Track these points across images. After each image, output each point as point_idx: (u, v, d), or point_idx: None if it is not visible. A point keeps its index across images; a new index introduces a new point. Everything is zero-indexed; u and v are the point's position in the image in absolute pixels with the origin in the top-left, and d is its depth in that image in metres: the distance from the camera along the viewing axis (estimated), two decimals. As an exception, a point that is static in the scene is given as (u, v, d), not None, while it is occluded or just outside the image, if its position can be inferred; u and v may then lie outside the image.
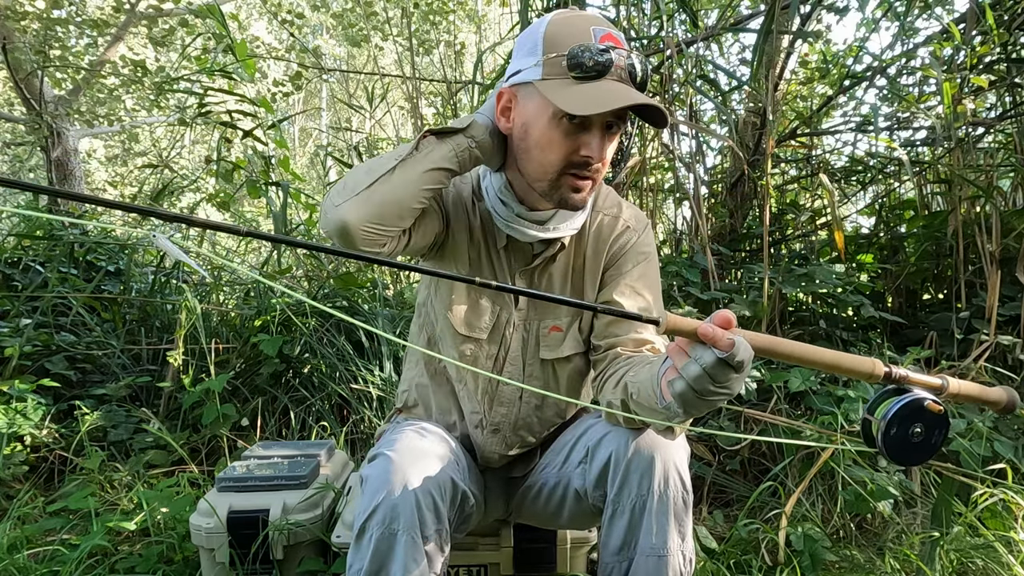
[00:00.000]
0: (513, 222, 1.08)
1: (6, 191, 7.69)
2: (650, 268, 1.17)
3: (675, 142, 2.57)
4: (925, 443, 0.78)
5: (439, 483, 0.97)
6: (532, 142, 0.99)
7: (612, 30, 0.95)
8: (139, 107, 6.75)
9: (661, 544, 0.98)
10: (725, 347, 0.71)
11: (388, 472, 0.95)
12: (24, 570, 1.50)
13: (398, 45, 3.36)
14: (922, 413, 0.77)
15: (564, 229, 1.09)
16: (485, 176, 1.13)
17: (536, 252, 1.14)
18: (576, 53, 0.92)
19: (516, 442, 1.23)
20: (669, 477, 0.98)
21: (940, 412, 0.77)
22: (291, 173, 3.20)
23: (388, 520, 0.92)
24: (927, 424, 0.78)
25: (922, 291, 2.77)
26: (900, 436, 0.78)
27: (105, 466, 2.05)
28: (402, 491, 0.93)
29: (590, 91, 0.91)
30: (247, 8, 9.87)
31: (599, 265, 1.16)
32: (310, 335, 2.53)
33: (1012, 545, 1.57)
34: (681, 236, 2.85)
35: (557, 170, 0.98)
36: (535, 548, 1.36)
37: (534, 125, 0.98)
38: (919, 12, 2.90)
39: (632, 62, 0.93)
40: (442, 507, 0.97)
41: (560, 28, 0.95)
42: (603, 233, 1.15)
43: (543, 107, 0.96)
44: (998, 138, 2.82)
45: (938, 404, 0.77)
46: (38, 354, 2.42)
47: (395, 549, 0.92)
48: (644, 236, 1.17)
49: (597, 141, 0.96)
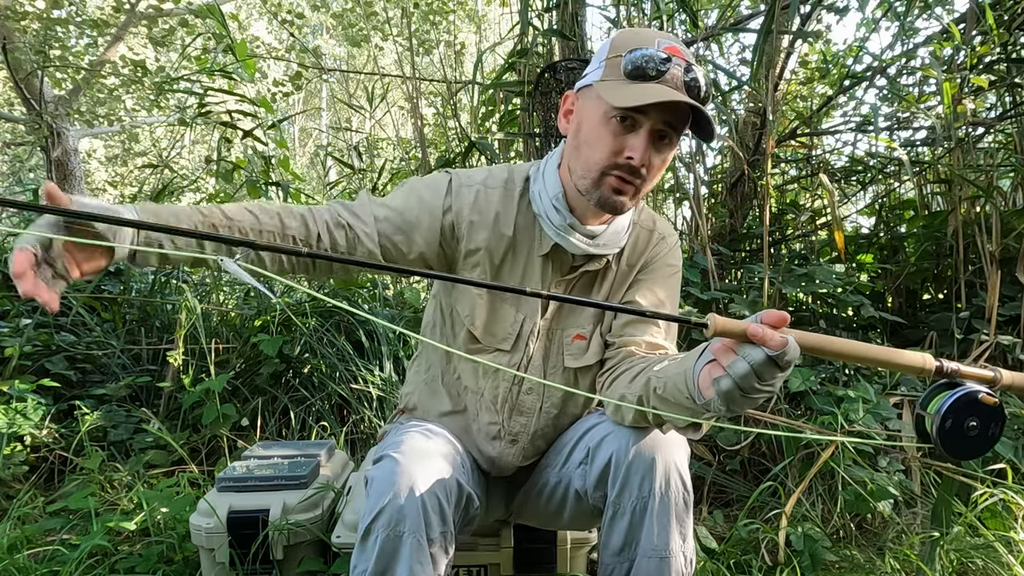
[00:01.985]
0: (565, 232, 1.07)
1: (6, 191, 7.69)
2: (676, 278, 1.19)
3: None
4: (982, 436, 0.78)
5: (445, 486, 0.97)
6: (582, 139, 1.01)
7: (680, 45, 0.96)
8: (139, 107, 6.75)
9: (663, 545, 0.98)
10: (777, 346, 0.72)
11: (394, 474, 0.94)
12: (24, 570, 1.50)
13: (398, 45, 3.36)
14: (976, 406, 0.77)
15: (611, 246, 1.10)
16: (536, 179, 1.11)
17: (576, 264, 1.13)
18: (634, 55, 0.94)
19: (533, 452, 1.23)
20: (670, 478, 0.98)
21: (995, 404, 0.77)
22: (291, 173, 3.21)
23: (394, 523, 0.92)
24: (982, 417, 0.77)
25: (922, 291, 2.77)
26: (955, 430, 0.77)
27: (105, 466, 2.05)
28: (408, 494, 0.93)
29: (639, 89, 0.92)
30: (247, 8, 9.87)
31: (630, 276, 1.17)
32: (310, 335, 2.53)
33: (1012, 545, 1.57)
34: (681, 236, 2.85)
35: (600, 168, 0.98)
36: (535, 548, 1.35)
37: (586, 122, 1.00)
38: (919, 12, 2.90)
39: (693, 76, 0.94)
40: (447, 509, 0.97)
41: (627, 35, 0.99)
42: (639, 246, 1.16)
43: (597, 106, 0.98)
44: (998, 138, 2.82)
45: (992, 396, 0.77)
46: (38, 354, 2.42)
47: (400, 551, 0.92)
48: (675, 249, 1.19)
49: (642, 144, 0.96)
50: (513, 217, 1.11)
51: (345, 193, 3.75)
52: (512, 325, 1.13)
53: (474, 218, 1.10)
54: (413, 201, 1.09)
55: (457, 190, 1.10)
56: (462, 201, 1.10)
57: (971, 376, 0.79)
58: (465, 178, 1.12)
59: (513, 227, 1.11)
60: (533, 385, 1.17)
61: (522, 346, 1.14)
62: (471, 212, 1.10)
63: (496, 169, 1.16)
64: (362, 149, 3.83)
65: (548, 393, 1.18)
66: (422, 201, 1.09)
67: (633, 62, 0.93)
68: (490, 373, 1.16)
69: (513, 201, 1.11)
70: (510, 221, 1.11)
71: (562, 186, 1.07)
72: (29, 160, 8.61)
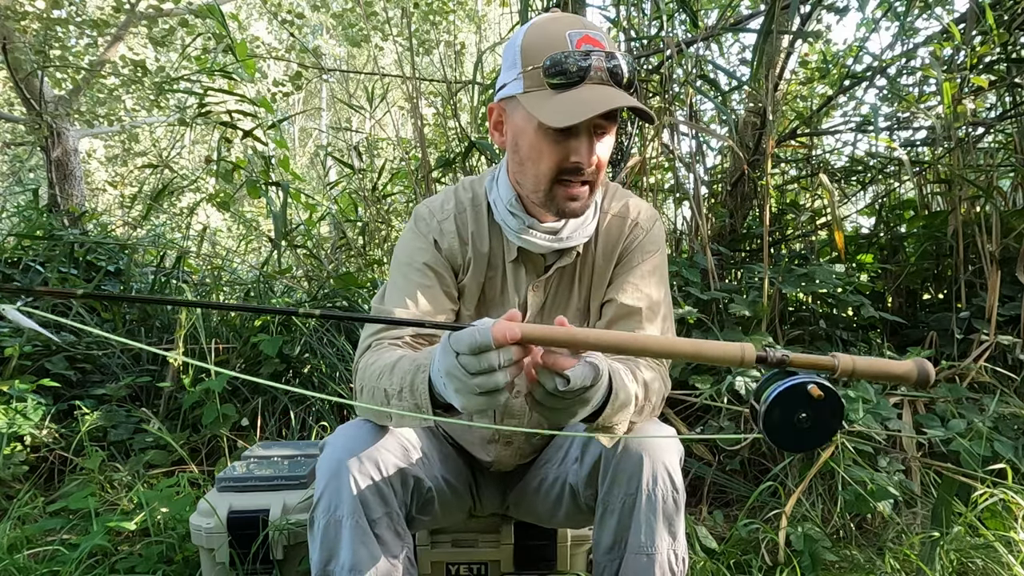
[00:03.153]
0: (525, 233, 1.06)
1: (5, 191, 7.69)
2: (658, 263, 1.15)
3: (675, 142, 2.57)
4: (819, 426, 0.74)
5: (379, 466, 0.98)
6: (524, 155, 1.00)
7: (589, 31, 0.93)
8: (139, 107, 6.75)
9: (650, 543, 0.98)
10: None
11: (329, 461, 0.96)
12: (24, 570, 1.50)
13: (398, 45, 3.36)
14: (804, 398, 0.72)
15: (577, 237, 1.08)
16: (492, 189, 1.11)
17: (548, 263, 1.12)
18: (551, 64, 0.91)
19: (530, 451, 1.24)
20: (658, 476, 0.98)
21: (820, 397, 0.72)
22: (291, 173, 3.21)
23: (332, 507, 0.94)
24: (815, 408, 0.73)
25: (922, 291, 2.77)
26: (783, 421, 0.73)
27: (105, 466, 2.05)
28: (342, 478, 0.94)
29: (569, 100, 0.90)
30: (247, 8, 9.88)
31: (609, 268, 1.14)
32: (310, 335, 2.53)
33: (1012, 545, 1.57)
34: (681, 236, 2.85)
35: (549, 180, 0.98)
36: (535, 545, 1.36)
37: (522, 137, 0.99)
38: (919, 12, 2.90)
39: (614, 63, 0.92)
40: (387, 490, 0.98)
41: (535, 38, 0.95)
42: (612, 235, 1.14)
43: (528, 119, 0.96)
44: (998, 138, 2.82)
45: (821, 388, 0.72)
46: (38, 354, 2.42)
47: (341, 534, 0.94)
48: (653, 232, 1.15)
49: (585, 147, 0.95)
50: (486, 232, 1.12)
51: (345, 193, 3.75)
52: None
53: (456, 245, 1.11)
54: (415, 266, 1.10)
55: (439, 226, 1.12)
56: (443, 233, 1.11)
57: (804, 364, 0.74)
58: (437, 211, 1.13)
59: (488, 242, 1.12)
60: (521, 388, 1.17)
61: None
62: (453, 240, 1.11)
63: (460, 190, 1.16)
64: (362, 149, 3.83)
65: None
66: (418, 251, 1.11)
67: (554, 69, 0.91)
68: None
69: (483, 217, 1.12)
70: (484, 237, 1.12)
71: (513, 191, 1.06)
72: (29, 160, 8.61)
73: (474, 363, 0.73)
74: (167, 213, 6.14)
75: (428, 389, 0.85)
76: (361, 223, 3.47)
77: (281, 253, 2.98)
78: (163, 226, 5.22)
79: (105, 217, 5.86)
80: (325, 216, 3.54)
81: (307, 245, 3.34)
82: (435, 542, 1.36)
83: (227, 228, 7.50)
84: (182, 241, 4.36)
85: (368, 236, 3.42)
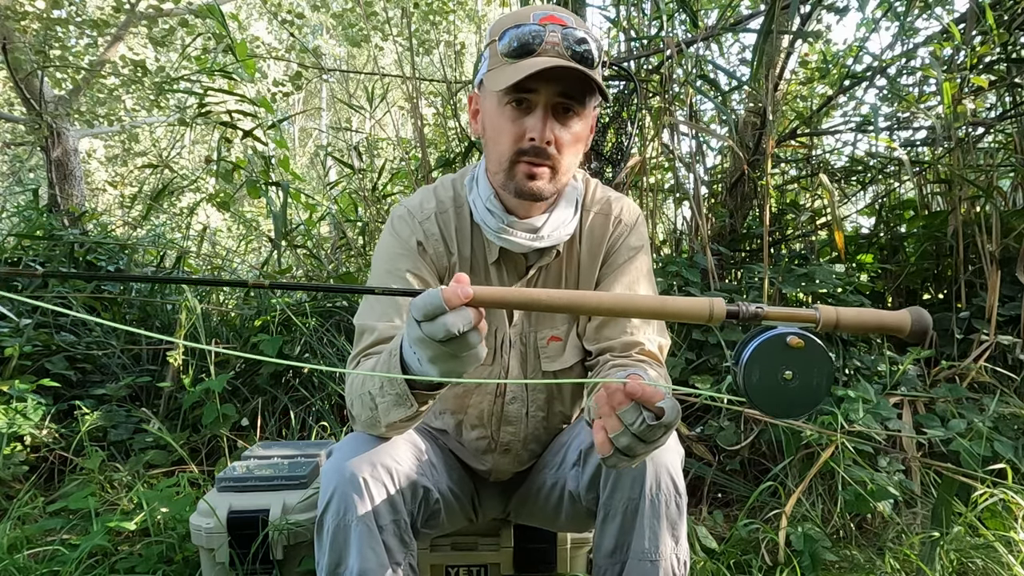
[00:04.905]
0: (504, 232, 1.04)
1: (5, 191, 7.69)
2: (644, 259, 1.15)
3: (675, 142, 2.57)
4: (805, 387, 0.66)
5: (391, 474, 0.97)
6: (489, 135, 1.00)
7: (557, 12, 0.94)
8: (139, 107, 6.75)
9: (653, 548, 0.97)
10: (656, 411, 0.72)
11: (339, 466, 0.95)
12: (24, 570, 1.50)
13: (398, 45, 3.36)
14: (786, 352, 0.65)
15: (557, 236, 1.07)
16: (471, 188, 1.10)
17: (530, 263, 1.11)
18: (508, 34, 0.92)
19: (528, 457, 1.23)
20: (661, 480, 0.97)
21: (800, 346, 0.64)
22: (291, 173, 3.21)
23: (342, 511, 0.93)
24: (800, 365, 0.65)
25: (922, 291, 2.77)
26: (766, 382, 0.66)
27: (105, 466, 2.05)
28: (353, 483, 0.94)
29: (519, 68, 0.91)
30: (247, 8, 9.88)
31: (595, 267, 1.13)
32: (310, 335, 2.53)
33: (1012, 545, 1.57)
34: (681, 236, 2.85)
35: (508, 158, 0.98)
36: (535, 548, 1.36)
37: (487, 117, 1.00)
38: (919, 12, 2.90)
39: (578, 38, 0.92)
40: (397, 498, 0.97)
41: (503, 19, 0.97)
42: (596, 234, 1.13)
43: (491, 98, 0.97)
44: (998, 138, 2.82)
45: (801, 338, 0.65)
46: (38, 354, 2.42)
47: (350, 539, 0.93)
48: (637, 227, 1.15)
49: (539, 123, 0.94)
50: (468, 233, 1.11)
51: (345, 193, 3.75)
52: (488, 338, 1.12)
53: (441, 248, 1.10)
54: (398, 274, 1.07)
55: (421, 227, 1.09)
56: (427, 236, 1.09)
57: (781, 316, 0.66)
58: (417, 211, 1.10)
59: (469, 242, 1.11)
60: (516, 393, 1.16)
61: (498, 357, 1.13)
62: (437, 243, 1.09)
63: (439, 188, 1.14)
64: (362, 149, 3.83)
65: (532, 398, 1.17)
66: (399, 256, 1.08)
67: (509, 41, 0.92)
68: (471, 391, 1.15)
69: (464, 218, 1.11)
70: (466, 237, 1.11)
71: (492, 187, 1.06)
72: (29, 160, 8.61)
73: (437, 329, 0.70)
74: (167, 213, 6.13)
75: (400, 362, 0.83)
76: (361, 223, 3.47)
77: (281, 253, 2.98)
78: (163, 226, 5.20)
79: (105, 217, 5.85)
80: (325, 216, 3.54)
81: (307, 245, 3.33)
82: (435, 545, 1.36)
83: (227, 228, 7.50)
84: (182, 241, 4.35)
85: (368, 236, 3.41)
